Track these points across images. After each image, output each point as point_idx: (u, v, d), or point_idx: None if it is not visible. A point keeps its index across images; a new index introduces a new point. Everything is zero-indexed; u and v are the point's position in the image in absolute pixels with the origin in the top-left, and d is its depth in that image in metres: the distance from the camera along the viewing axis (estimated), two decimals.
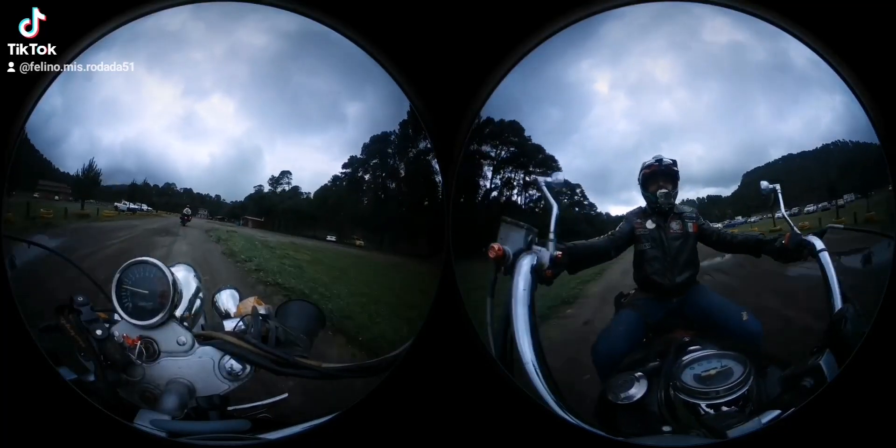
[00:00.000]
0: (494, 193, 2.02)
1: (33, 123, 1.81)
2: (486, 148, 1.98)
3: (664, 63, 1.82)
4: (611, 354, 1.89)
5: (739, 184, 1.85)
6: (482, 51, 1.89)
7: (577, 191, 1.90)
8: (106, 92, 1.84)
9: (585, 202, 1.91)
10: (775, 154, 1.81)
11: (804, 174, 1.84)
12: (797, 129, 1.80)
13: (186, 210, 2.01)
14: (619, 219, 1.94)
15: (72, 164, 1.87)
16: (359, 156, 1.97)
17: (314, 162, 1.96)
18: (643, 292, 1.99)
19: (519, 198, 1.99)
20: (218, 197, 1.98)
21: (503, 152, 1.98)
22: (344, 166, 1.97)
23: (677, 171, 1.84)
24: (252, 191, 1.99)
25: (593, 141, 1.85)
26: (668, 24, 1.83)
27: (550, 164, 1.89)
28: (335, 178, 1.97)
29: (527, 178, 1.94)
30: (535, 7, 1.85)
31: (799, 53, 1.79)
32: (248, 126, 1.90)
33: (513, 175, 1.98)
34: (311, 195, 1.99)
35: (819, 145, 1.80)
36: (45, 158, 1.86)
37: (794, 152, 1.80)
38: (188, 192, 1.95)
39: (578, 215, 1.92)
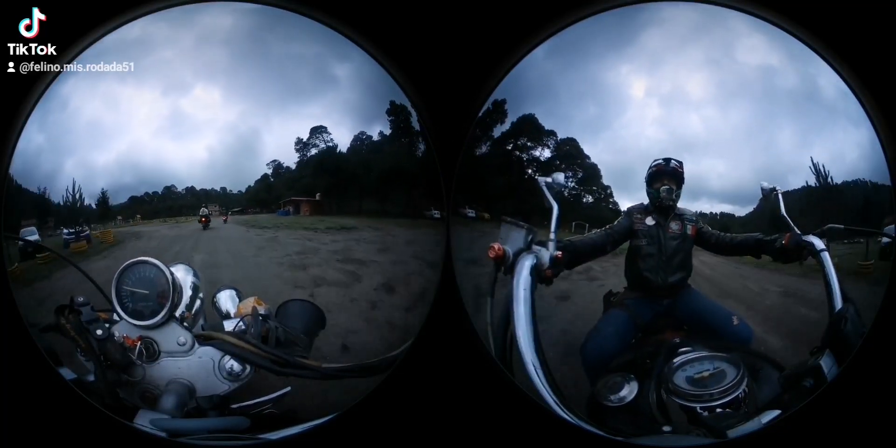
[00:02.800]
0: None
1: (23, 167, 1.75)
2: (506, 141, 1.97)
3: (699, 77, 1.84)
4: (600, 355, 1.89)
5: (755, 206, 1.86)
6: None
7: (608, 191, 1.92)
8: (86, 116, 1.78)
9: (612, 199, 1.93)
10: (794, 183, 1.81)
11: (818, 209, 1.84)
12: (821, 162, 1.79)
13: (203, 210, 1.91)
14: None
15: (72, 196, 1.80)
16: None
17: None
18: (633, 291, 1.99)
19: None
20: (224, 189, 1.88)
21: (521, 145, 1.96)
22: (388, 113, 1.86)
23: (682, 174, 1.85)
24: (268, 171, 1.87)
25: (623, 140, 1.87)
26: (706, 36, 1.85)
27: (577, 155, 1.90)
28: (358, 136, 1.83)
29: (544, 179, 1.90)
30: None
31: (829, 82, 1.78)
32: (240, 109, 1.82)
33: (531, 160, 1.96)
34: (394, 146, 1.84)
35: (840, 182, 1.79)
36: (45, 196, 1.79)
37: (814, 185, 1.80)
38: (191, 190, 1.86)
39: (604, 210, 1.94)
